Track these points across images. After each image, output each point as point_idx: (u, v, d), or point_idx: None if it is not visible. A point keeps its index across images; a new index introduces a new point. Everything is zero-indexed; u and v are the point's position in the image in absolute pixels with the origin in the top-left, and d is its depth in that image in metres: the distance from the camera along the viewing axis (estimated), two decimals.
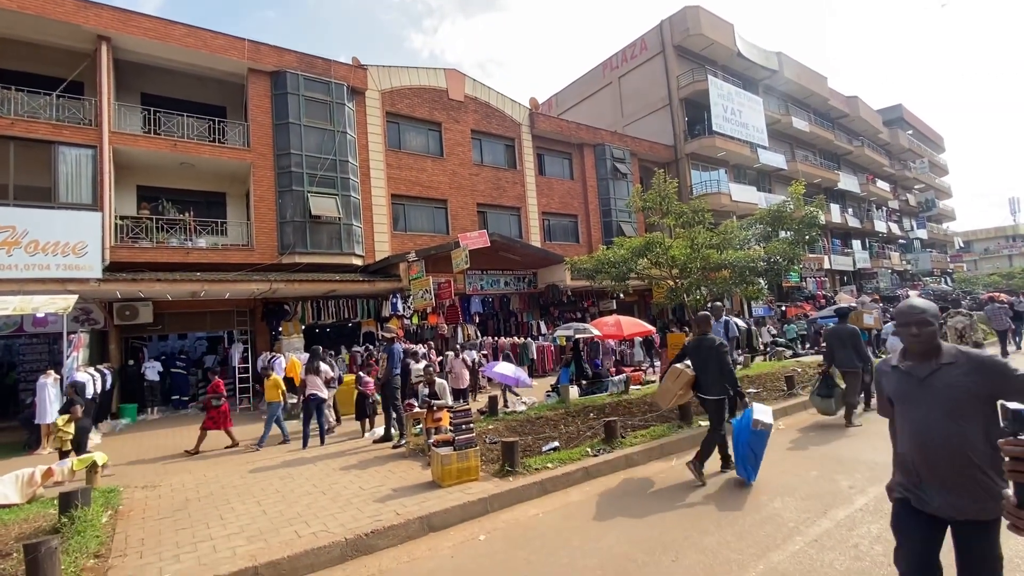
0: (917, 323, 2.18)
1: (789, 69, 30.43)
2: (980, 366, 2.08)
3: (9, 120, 11.65)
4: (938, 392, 2.12)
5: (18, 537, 4.53)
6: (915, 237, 44.65)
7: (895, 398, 2.30)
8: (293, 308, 14.22)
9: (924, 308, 2.17)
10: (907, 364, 2.25)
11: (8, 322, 11.53)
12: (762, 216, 10.57)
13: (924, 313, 2.17)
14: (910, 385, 2.22)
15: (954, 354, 2.16)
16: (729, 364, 5.59)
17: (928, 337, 2.18)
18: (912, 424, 2.19)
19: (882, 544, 3.67)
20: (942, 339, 2.29)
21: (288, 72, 14.90)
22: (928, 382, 2.15)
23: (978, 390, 2.04)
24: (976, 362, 2.10)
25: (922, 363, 2.21)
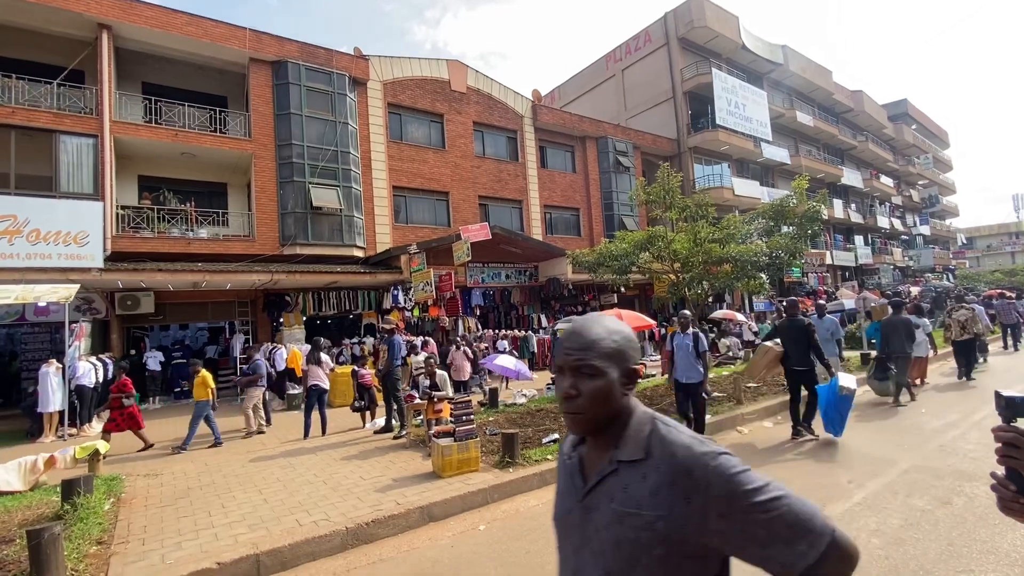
0: (574, 368, 1.02)
1: (794, 62, 30.21)
2: (679, 474, 0.94)
3: (10, 109, 11.61)
4: (596, 527, 1.00)
5: (21, 523, 4.57)
6: (918, 233, 44.51)
7: (554, 518, 1.14)
8: (294, 299, 14.24)
9: (597, 338, 1.01)
10: (579, 452, 1.11)
11: (10, 311, 11.56)
12: (765, 210, 10.53)
13: (595, 347, 1.01)
14: (570, 499, 1.08)
15: (643, 442, 0.99)
16: (817, 341, 6.58)
17: (592, 400, 1.00)
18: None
19: (880, 537, 3.69)
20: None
21: (290, 62, 14.82)
22: (588, 503, 1.03)
23: (668, 531, 0.93)
24: (676, 466, 0.95)
25: (593, 454, 1.07)
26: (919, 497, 4.38)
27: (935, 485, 4.64)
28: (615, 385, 1.01)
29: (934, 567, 3.25)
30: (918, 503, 4.26)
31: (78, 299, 11.06)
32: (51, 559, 3.52)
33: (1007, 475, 0.96)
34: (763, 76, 29.37)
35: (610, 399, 1.01)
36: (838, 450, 6.03)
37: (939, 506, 4.17)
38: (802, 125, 30.93)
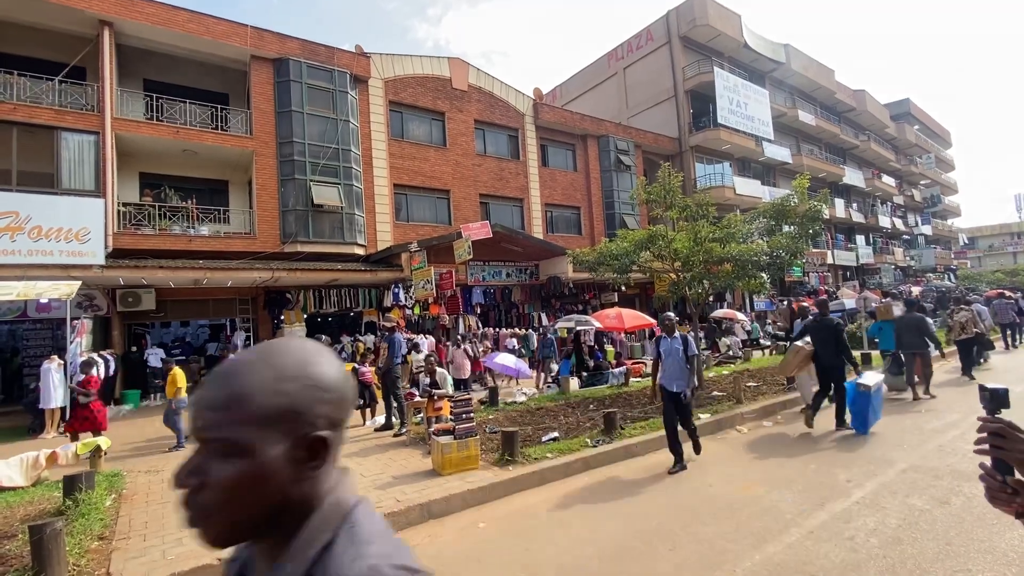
0: (203, 441, 0.67)
1: (796, 61, 30.15)
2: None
3: (12, 105, 11.62)
4: None
5: (23, 519, 4.59)
6: (919, 233, 44.44)
7: None
8: (295, 297, 14.26)
9: (247, 390, 0.66)
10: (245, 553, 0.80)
11: (12, 307, 11.58)
12: (766, 210, 10.52)
13: (240, 405, 0.65)
14: None
15: (310, 557, 0.65)
16: (845, 340, 6.99)
17: (224, 495, 0.64)
18: None
19: (877, 537, 3.70)
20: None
21: (291, 59, 14.81)
22: None
23: None
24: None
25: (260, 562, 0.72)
26: (917, 497, 4.39)
27: (933, 485, 4.65)
28: (275, 469, 0.65)
29: (931, 566, 3.26)
30: (916, 503, 4.27)
31: (80, 296, 11.08)
32: (53, 554, 3.54)
33: (993, 465, 0.99)
34: (765, 75, 29.32)
35: (261, 493, 0.64)
36: (839, 449, 6.04)
37: (937, 506, 4.18)
38: (804, 124, 30.88)
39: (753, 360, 13.55)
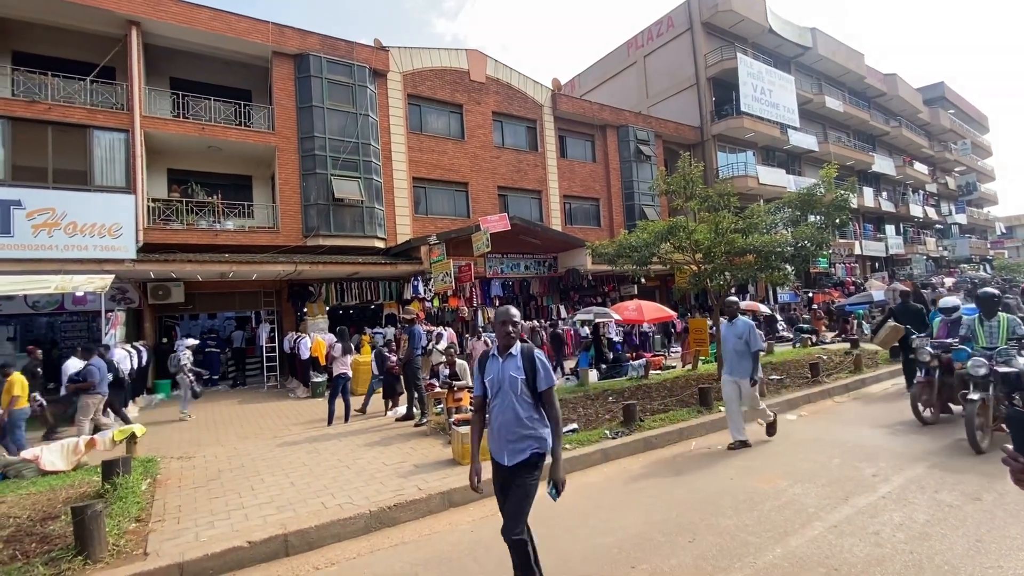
0: None
1: (824, 46, 29.21)
2: None
3: (46, 105, 12.03)
4: None
5: (65, 501, 4.82)
6: (953, 222, 42.86)
7: None
8: (317, 290, 14.51)
9: None
10: None
11: (50, 300, 12.08)
12: (790, 200, 10.28)
13: None
14: None
15: None
16: (927, 320, 8.12)
17: None
18: None
19: (904, 532, 3.64)
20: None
21: (311, 55, 14.98)
22: None
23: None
24: None
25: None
26: (947, 492, 4.29)
27: (963, 481, 4.54)
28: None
29: (961, 563, 3.19)
30: (946, 498, 4.17)
31: (113, 289, 11.48)
32: (94, 534, 3.72)
33: (1017, 448, 1.01)
34: (790, 60, 28.51)
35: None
36: (862, 444, 5.92)
37: (968, 502, 4.08)
38: (831, 111, 29.96)
39: (776, 353, 13.33)
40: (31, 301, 12.06)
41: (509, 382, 2.90)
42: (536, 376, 2.89)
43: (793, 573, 3.21)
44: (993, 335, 5.76)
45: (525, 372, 2.89)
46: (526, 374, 2.89)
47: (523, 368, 2.90)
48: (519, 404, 2.89)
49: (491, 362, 3.03)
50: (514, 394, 2.89)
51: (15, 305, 11.92)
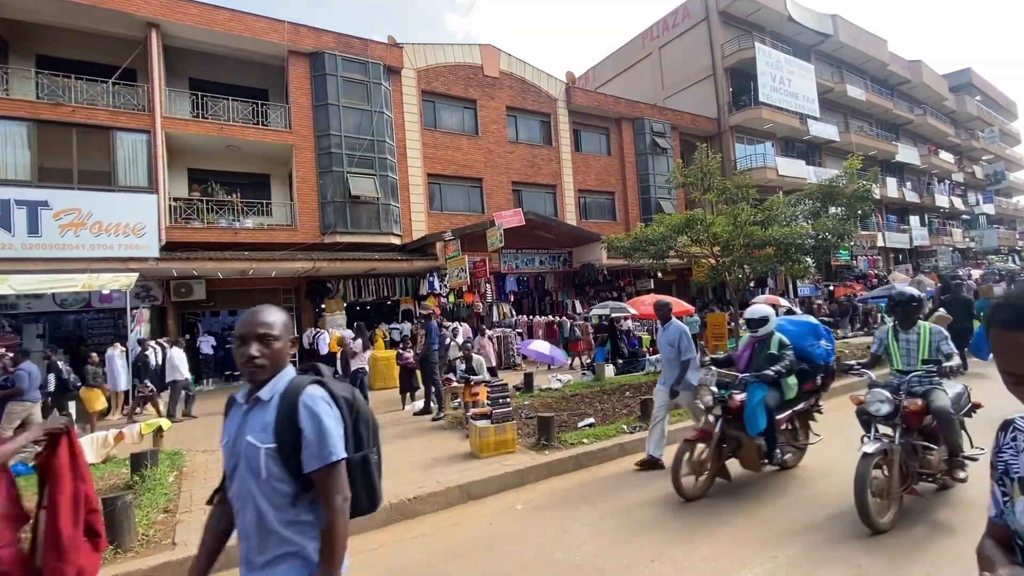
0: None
1: (845, 33, 28.48)
2: None
3: (71, 108, 12.33)
4: None
5: (96, 492, 4.96)
6: (980, 212, 41.58)
7: None
8: (335, 286, 14.69)
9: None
10: None
11: (78, 298, 12.42)
12: (811, 191, 10.09)
13: None
14: None
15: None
16: (973, 310, 8.81)
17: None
18: None
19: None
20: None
21: (326, 53, 15.09)
22: None
23: None
24: None
25: None
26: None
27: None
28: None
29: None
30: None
31: (137, 287, 11.75)
32: (124, 524, 3.83)
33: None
34: (810, 49, 27.86)
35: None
36: None
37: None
38: (853, 99, 29.24)
39: None
40: (59, 299, 12.42)
41: (246, 456, 1.51)
42: (302, 446, 1.48)
43: None
44: (911, 353, 4.07)
45: (277, 437, 1.48)
46: (278, 440, 1.48)
47: (274, 429, 1.49)
48: (263, 497, 1.49)
49: (232, 413, 1.63)
50: (254, 478, 1.49)
51: (44, 303, 12.29)
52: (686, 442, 4.34)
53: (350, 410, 1.60)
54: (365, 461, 1.63)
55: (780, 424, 4.50)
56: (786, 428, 4.71)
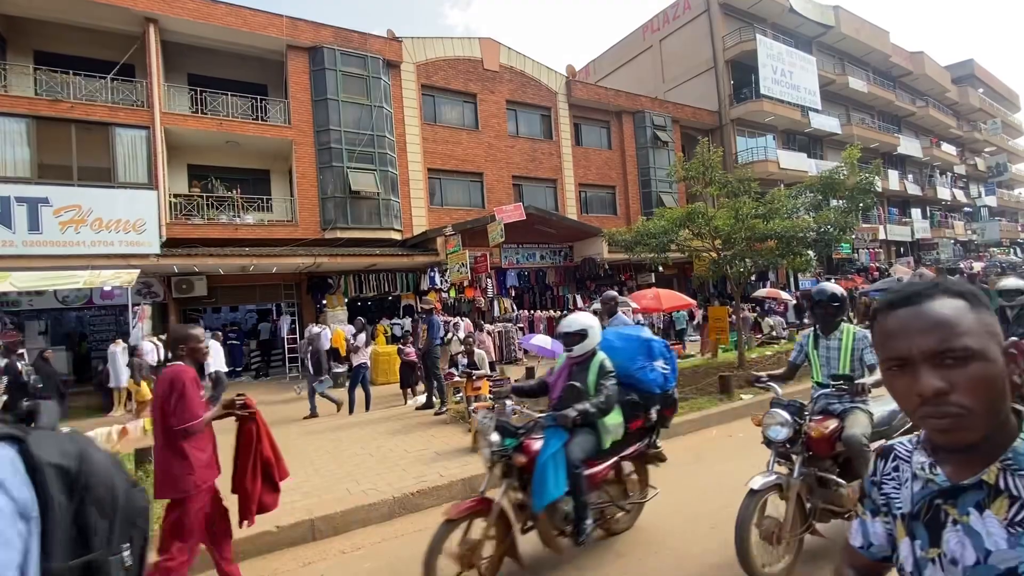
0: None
1: (847, 24, 28.29)
2: None
3: (69, 104, 12.29)
4: None
5: None
6: (983, 205, 41.44)
7: None
8: (336, 282, 14.68)
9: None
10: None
11: (79, 295, 12.43)
12: (812, 184, 10.05)
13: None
14: None
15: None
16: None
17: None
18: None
19: None
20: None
21: (325, 48, 15.01)
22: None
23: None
24: None
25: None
26: None
27: None
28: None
29: None
30: None
31: (139, 283, 11.75)
32: None
33: None
34: (812, 40, 27.69)
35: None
36: None
37: None
38: (855, 91, 29.08)
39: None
40: (60, 296, 12.43)
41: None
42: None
43: None
44: (831, 363, 3.45)
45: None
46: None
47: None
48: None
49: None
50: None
51: (45, 300, 12.30)
52: (448, 523, 2.91)
53: (69, 488, 0.86)
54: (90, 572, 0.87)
55: (596, 479, 3.27)
56: (612, 480, 3.56)
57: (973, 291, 0.84)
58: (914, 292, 0.84)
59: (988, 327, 0.81)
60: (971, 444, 0.80)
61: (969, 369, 0.77)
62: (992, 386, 0.78)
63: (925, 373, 0.79)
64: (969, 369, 0.77)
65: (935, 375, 0.78)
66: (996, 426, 0.80)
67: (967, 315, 0.80)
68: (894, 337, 0.83)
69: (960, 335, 0.78)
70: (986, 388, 0.78)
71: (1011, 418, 0.82)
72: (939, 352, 0.79)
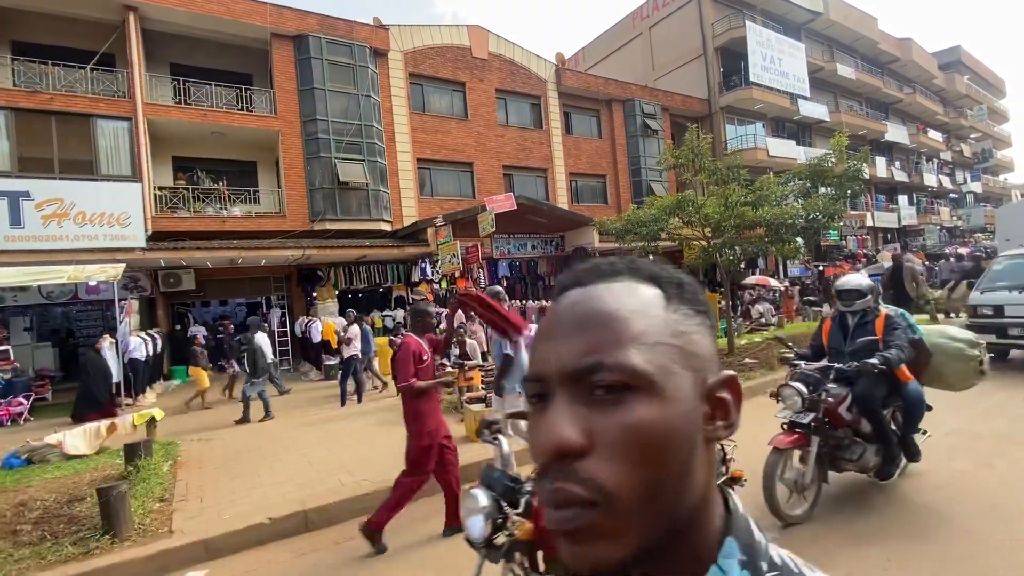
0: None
1: (835, 11, 28.28)
2: None
3: (49, 95, 12.00)
4: None
5: (90, 483, 4.96)
6: (968, 191, 41.96)
7: None
8: (326, 274, 14.58)
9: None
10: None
11: (64, 290, 12.25)
12: (800, 171, 10.10)
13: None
14: None
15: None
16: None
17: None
18: None
19: (919, 497, 3.64)
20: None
21: (311, 36, 14.75)
22: None
23: None
24: None
25: None
26: (960, 460, 4.29)
27: (975, 447, 4.53)
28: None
29: (974, 527, 3.21)
30: (958, 466, 4.17)
31: (125, 278, 11.60)
32: (120, 514, 3.83)
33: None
34: (801, 27, 27.66)
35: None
36: None
37: (980, 468, 4.08)
38: (843, 78, 29.15)
39: (787, 327, 13.26)
40: (45, 291, 12.24)
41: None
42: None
43: None
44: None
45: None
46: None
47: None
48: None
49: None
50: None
51: (30, 296, 12.11)
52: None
53: None
54: None
55: None
56: None
57: (679, 278, 0.52)
58: (588, 270, 0.52)
59: (684, 342, 0.46)
60: (618, 569, 0.42)
61: (622, 411, 0.42)
62: (662, 450, 0.42)
63: (555, 411, 0.44)
64: (622, 411, 0.42)
65: (569, 416, 0.43)
66: (668, 534, 0.44)
67: (650, 313, 0.47)
68: (538, 343, 0.49)
69: (621, 345, 0.43)
70: (648, 453, 0.41)
71: (707, 515, 0.47)
72: (578, 372, 0.43)
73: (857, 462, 3.62)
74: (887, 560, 2.96)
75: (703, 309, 0.51)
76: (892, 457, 3.63)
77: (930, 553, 2.99)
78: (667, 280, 0.51)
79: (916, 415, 3.72)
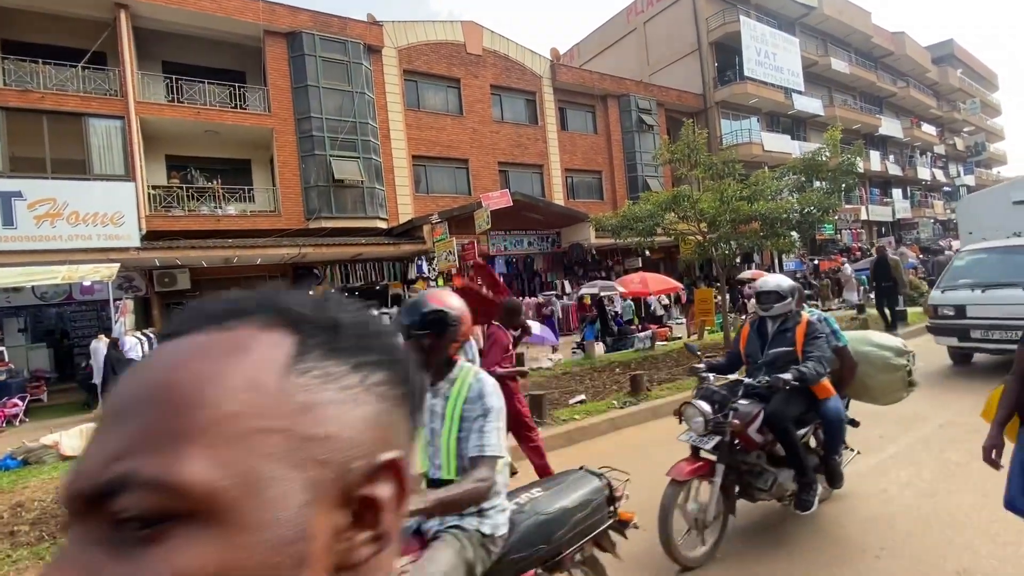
0: None
1: (829, 5, 28.31)
2: None
3: (40, 94, 11.90)
4: None
5: None
6: (961, 184, 42.11)
7: None
8: (323, 272, 14.54)
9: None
10: None
11: (58, 290, 12.18)
12: (795, 165, 10.14)
13: None
14: None
15: None
16: None
17: None
18: None
19: (911, 489, 3.68)
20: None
21: (304, 33, 14.67)
22: None
23: None
24: None
25: None
26: (953, 451, 4.33)
27: (970, 439, 4.56)
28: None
29: (968, 518, 3.24)
30: (952, 456, 4.22)
31: (119, 277, 11.53)
32: None
33: None
34: (795, 21, 27.69)
35: None
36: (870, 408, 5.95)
37: (974, 459, 4.11)
38: (837, 73, 29.22)
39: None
40: (39, 292, 12.16)
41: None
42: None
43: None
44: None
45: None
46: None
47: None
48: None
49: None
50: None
51: (24, 296, 12.03)
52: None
53: None
54: None
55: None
56: None
57: (343, 319, 0.38)
58: (194, 311, 0.38)
59: (307, 423, 0.31)
60: None
61: (156, 562, 0.26)
62: None
63: (55, 567, 0.28)
64: (156, 562, 0.26)
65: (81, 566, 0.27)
66: None
67: (257, 382, 0.31)
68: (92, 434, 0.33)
69: (175, 442, 0.28)
70: None
71: None
72: (96, 492, 0.27)
73: (770, 491, 3.12)
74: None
75: (373, 362, 0.35)
76: (808, 484, 3.12)
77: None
78: (317, 323, 0.35)
79: (836, 435, 3.28)
